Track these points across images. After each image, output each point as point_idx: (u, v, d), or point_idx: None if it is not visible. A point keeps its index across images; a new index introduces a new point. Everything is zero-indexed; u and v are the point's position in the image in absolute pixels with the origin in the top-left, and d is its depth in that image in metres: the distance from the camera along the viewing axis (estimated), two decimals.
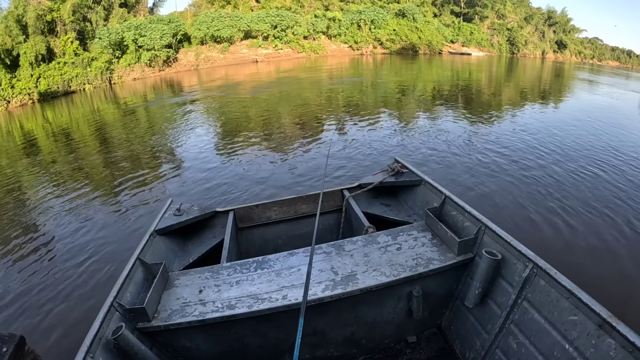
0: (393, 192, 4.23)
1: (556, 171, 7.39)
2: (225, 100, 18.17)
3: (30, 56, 26.54)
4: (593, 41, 63.40)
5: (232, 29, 37.83)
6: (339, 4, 49.22)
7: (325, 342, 2.76)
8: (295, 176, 7.55)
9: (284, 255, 2.93)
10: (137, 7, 39.69)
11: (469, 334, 2.75)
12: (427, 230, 3.10)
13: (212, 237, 3.63)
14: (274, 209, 3.96)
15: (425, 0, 56.64)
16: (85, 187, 7.94)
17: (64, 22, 29.72)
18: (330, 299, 2.44)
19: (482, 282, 2.52)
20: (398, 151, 8.81)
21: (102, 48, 30.85)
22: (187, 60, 36.68)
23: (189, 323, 2.34)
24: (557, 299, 2.13)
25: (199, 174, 8.02)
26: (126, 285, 2.52)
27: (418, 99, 16.85)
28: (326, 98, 17.41)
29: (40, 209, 7.11)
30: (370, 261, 2.75)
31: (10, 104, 24.41)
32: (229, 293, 2.55)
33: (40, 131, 15.37)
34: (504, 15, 54.17)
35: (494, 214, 5.56)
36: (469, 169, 7.61)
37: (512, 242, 2.48)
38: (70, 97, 26.14)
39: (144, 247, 2.98)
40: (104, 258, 5.17)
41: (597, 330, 1.87)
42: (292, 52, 41.75)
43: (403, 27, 47.01)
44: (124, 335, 2.05)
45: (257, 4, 45.53)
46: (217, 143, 10.63)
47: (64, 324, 3.99)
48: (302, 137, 10.55)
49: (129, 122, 15.24)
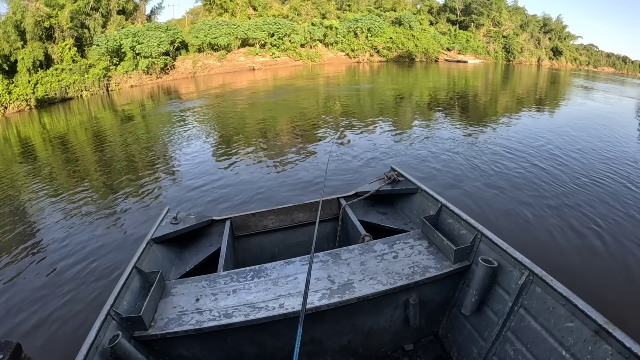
0: (389, 200, 4.24)
1: (552, 178, 7.42)
2: (222, 108, 18.21)
3: (28, 62, 26.56)
4: (588, 48, 64.05)
5: (230, 36, 38.06)
6: (336, 12, 49.65)
7: (322, 350, 2.75)
8: (292, 184, 7.55)
9: (281, 264, 2.93)
10: (134, 15, 39.90)
11: (466, 341, 2.75)
12: (424, 238, 3.11)
13: (209, 245, 3.62)
14: (270, 218, 3.96)
15: (421, 8, 57.31)
16: (82, 194, 7.91)
17: (62, 28, 29.79)
18: (327, 307, 2.43)
19: (479, 290, 2.53)
20: (394, 159, 8.84)
21: (99, 55, 30.95)
22: (185, 68, 36.81)
23: (186, 332, 2.33)
24: (553, 306, 2.13)
25: (196, 183, 8.00)
26: (123, 294, 2.51)
27: (415, 107, 16.95)
28: (323, 106, 17.49)
29: (37, 217, 7.08)
30: (367, 269, 2.75)
31: (8, 110, 24.39)
32: (225, 302, 2.54)
33: (37, 137, 15.33)
34: (500, 23, 54.76)
35: (490, 222, 5.57)
36: (465, 177, 7.64)
37: (508, 249, 2.49)
38: (68, 104, 26.12)
39: (141, 255, 2.97)
40: (101, 266, 5.14)
41: (594, 336, 1.88)
42: (289, 60, 42.00)
43: (399, 35, 47.44)
44: (121, 344, 2.03)
45: (254, 12, 45.84)
46: (214, 151, 10.63)
47: (60, 331, 3.96)
48: (299, 145, 10.57)
49: (126, 129, 15.23)
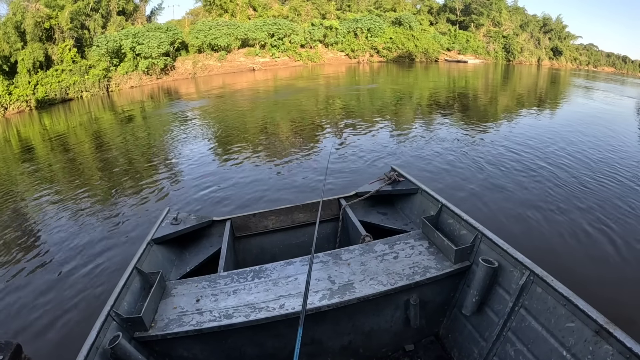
0: (390, 200, 4.23)
1: (552, 178, 7.42)
2: (223, 108, 18.21)
3: (28, 63, 26.56)
4: (588, 47, 64.02)
5: (230, 37, 38.06)
6: (336, 12, 49.65)
7: (322, 351, 2.75)
8: (293, 185, 7.55)
9: (281, 265, 2.93)
10: (135, 15, 39.89)
11: (467, 341, 2.75)
12: (424, 238, 3.11)
13: (209, 246, 3.62)
14: (271, 218, 3.96)
15: (421, 8, 57.31)
16: (82, 195, 7.91)
17: (62, 29, 29.77)
18: (327, 308, 2.43)
19: (479, 290, 2.53)
20: (394, 159, 8.84)
21: (99, 56, 30.94)
22: (185, 69, 36.80)
23: (186, 332, 2.33)
24: (554, 306, 2.13)
25: (196, 183, 8.00)
26: (123, 295, 2.51)
27: (415, 107, 16.95)
28: (324, 106, 17.50)
29: (37, 217, 7.08)
30: (367, 270, 2.75)
31: (8, 111, 24.39)
32: (226, 302, 2.54)
33: (38, 138, 15.33)
34: (500, 23, 54.76)
35: (491, 222, 5.56)
36: (466, 176, 7.64)
37: (508, 249, 2.49)
38: (68, 105, 26.12)
39: (141, 256, 2.97)
40: (101, 267, 5.14)
41: (594, 336, 1.88)
42: (289, 60, 42.00)
43: (399, 36, 47.45)
44: (121, 345, 2.03)
45: (254, 12, 45.85)
46: (215, 152, 10.63)
47: (60, 332, 3.96)
48: (300, 145, 10.57)
49: (126, 130, 15.23)
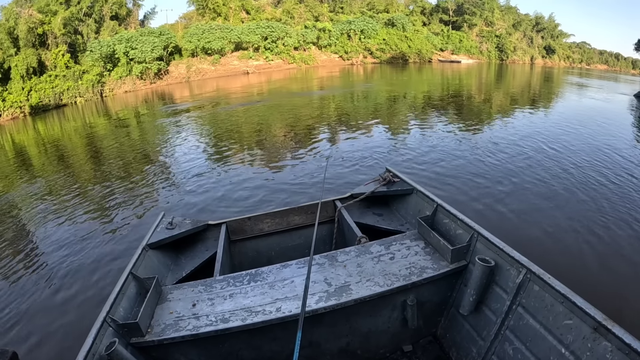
0: (385, 201, 4.24)
1: (547, 175, 7.46)
2: (217, 112, 18.17)
3: (21, 69, 26.38)
4: (581, 45, 64.53)
5: (223, 40, 38.06)
6: (329, 14, 49.79)
7: (320, 353, 2.74)
8: (288, 188, 7.53)
9: (277, 268, 2.91)
10: (128, 20, 39.80)
11: (465, 341, 2.75)
12: (420, 239, 3.11)
13: (205, 250, 3.60)
14: (266, 221, 3.94)
15: (414, 9, 57.55)
16: (77, 200, 7.85)
17: (55, 35, 29.64)
18: (324, 310, 2.42)
19: (476, 289, 2.53)
20: (389, 160, 8.85)
21: (93, 61, 30.81)
22: (179, 73, 36.73)
23: (183, 337, 2.32)
24: (551, 304, 2.14)
25: (191, 187, 7.97)
26: (119, 300, 2.49)
27: (409, 107, 16.99)
28: (318, 108, 17.50)
29: (31, 224, 7.02)
30: (364, 271, 2.74)
31: (2, 118, 24.19)
32: (222, 306, 2.53)
33: (32, 144, 15.22)
34: (493, 23, 55.08)
35: (486, 221, 5.57)
36: (460, 176, 7.65)
37: (505, 248, 2.49)
38: (62, 110, 25.96)
39: (137, 261, 2.95)
40: (96, 273, 5.10)
41: (593, 333, 1.88)
42: (283, 63, 42.03)
43: (393, 37, 47.63)
44: (118, 351, 2.02)
45: (247, 15, 45.87)
46: (209, 156, 10.60)
47: (56, 339, 3.93)
48: (295, 148, 10.56)
49: (120, 135, 15.14)
